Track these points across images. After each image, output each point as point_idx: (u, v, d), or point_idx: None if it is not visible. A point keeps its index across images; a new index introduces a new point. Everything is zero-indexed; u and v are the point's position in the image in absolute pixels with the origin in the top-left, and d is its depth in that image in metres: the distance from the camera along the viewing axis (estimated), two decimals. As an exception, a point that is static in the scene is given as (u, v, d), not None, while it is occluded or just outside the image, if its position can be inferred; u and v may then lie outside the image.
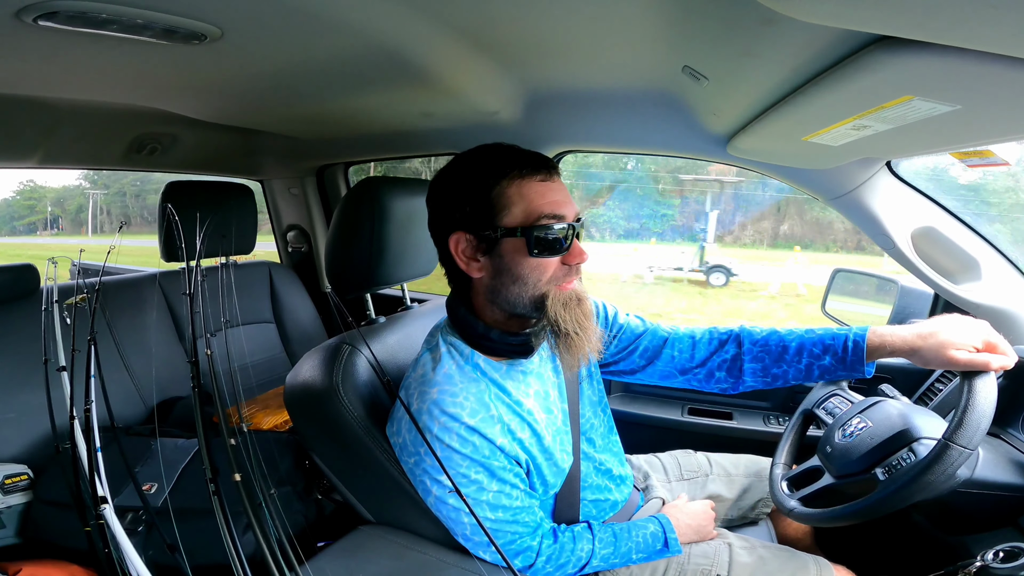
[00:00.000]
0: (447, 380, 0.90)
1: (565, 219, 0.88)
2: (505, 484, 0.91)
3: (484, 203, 0.88)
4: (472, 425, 0.88)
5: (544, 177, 0.89)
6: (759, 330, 1.13)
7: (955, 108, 0.69)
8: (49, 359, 1.15)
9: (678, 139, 1.46)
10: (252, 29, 0.87)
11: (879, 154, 1.15)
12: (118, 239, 1.35)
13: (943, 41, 0.54)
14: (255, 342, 2.10)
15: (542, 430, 0.96)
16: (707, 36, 0.86)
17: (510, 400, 0.94)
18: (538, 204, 0.87)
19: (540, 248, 0.87)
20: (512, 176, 0.88)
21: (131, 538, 1.12)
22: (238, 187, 2.00)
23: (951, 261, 1.33)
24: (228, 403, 0.97)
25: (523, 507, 0.94)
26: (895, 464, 0.92)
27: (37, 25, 0.75)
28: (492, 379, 0.94)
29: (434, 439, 0.87)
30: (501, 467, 0.90)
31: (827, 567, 1.05)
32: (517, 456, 0.92)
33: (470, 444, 0.88)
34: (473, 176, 0.90)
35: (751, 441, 1.67)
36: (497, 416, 0.91)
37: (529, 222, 0.87)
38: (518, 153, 0.90)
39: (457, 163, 0.93)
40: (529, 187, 0.88)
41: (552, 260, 0.89)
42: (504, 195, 0.88)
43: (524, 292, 0.90)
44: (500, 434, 0.90)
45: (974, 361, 0.89)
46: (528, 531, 0.94)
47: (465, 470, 0.88)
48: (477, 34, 1.01)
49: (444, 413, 0.87)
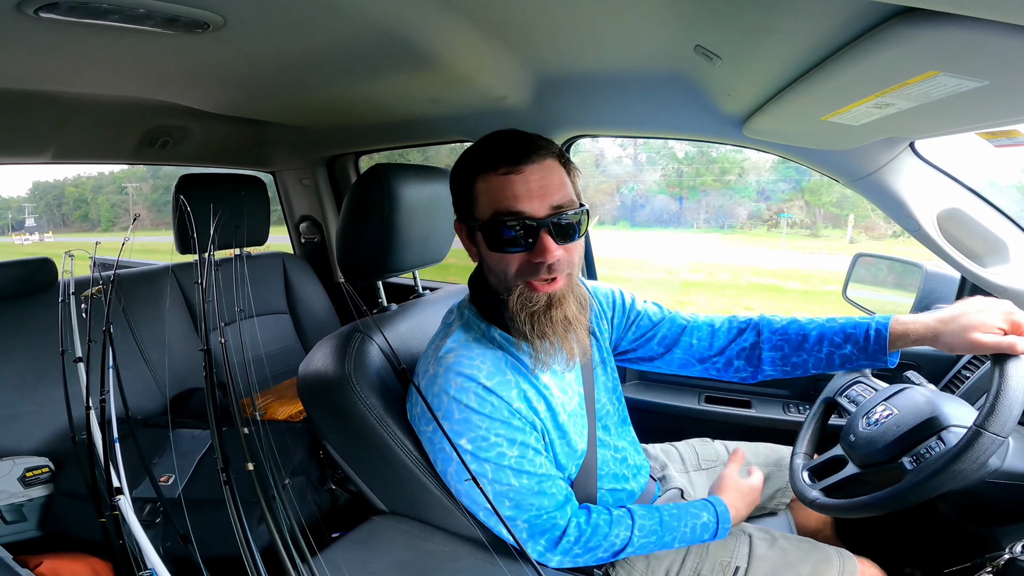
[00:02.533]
0: (464, 346, 0.92)
1: (523, 214, 0.85)
2: (527, 448, 0.90)
3: (465, 196, 0.91)
4: (489, 386, 0.88)
5: (507, 170, 0.85)
6: (779, 319, 1.11)
7: (982, 84, 0.65)
8: (66, 350, 1.16)
9: (692, 121, 1.43)
10: (255, 16, 0.86)
11: (903, 133, 1.11)
12: (130, 234, 1.36)
13: (970, 13, 0.51)
14: (270, 333, 2.12)
15: (557, 406, 0.96)
16: (719, 12, 0.83)
17: (525, 370, 0.94)
18: (495, 199, 0.86)
19: (498, 244, 0.87)
20: (480, 169, 0.88)
21: (149, 529, 1.15)
22: (250, 179, 2.01)
23: (979, 243, 1.28)
24: (243, 394, 0.97)
25: (548, 475, 0.92)
26: (923, 453, 0.89)
27: (39, 17, 0.75)
28: (510, 351, 0.94)
29: (452, 401, 0.87)
30: (521, 429, 0.90)
31: (850, 559, 1.02)
32: (533, 423, 0.92)
33: (488, 404, 0.88)
34: (459, 169, 0.92)
35: (770, 430, 1.64)
36: (514, 381, 0.91)
37: (485, 217, 0.87)
38: (495, 144, 0.89)
39: (465, 152, 0.93)
40: (490, 182, 0.87)
41: (514, 256, 0.87)
42: (475, 189, 0.89)
43: (498, 282, 0.92)
44: (516, 398, 0.90)
45: (1001, 343, 0.86)
46: (554, 505, 0.92)
47: (484, 432, 0.88)
48: (482, 17, 0.99)
49: (460, 374, 0.88)
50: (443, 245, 1.30)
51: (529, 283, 0.88)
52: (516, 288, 0.88)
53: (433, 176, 1.21)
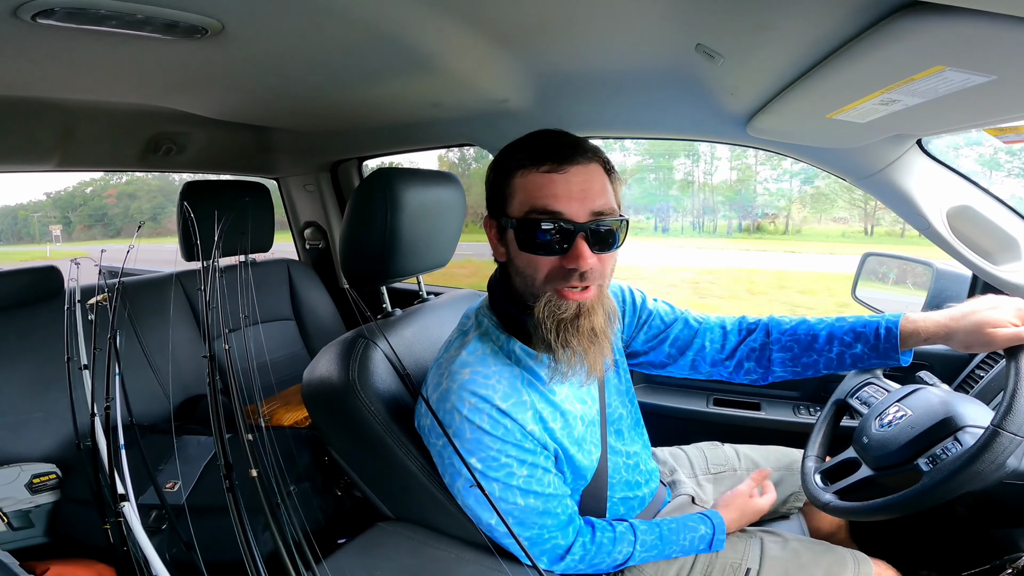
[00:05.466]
0: (480, 362, 0.89)
1: (562, 215, 0.81)
2: (536, 468, 0.89)
3: (500, 191, 0.87)
4: (504, 408, 0.86)
5: (551, 168, 0.82)
6: (787, 319, 1.10)
7: (990, 79, 0.64)
8: (72, 358, 1.16)
9: (695, 122, 1.42)
10: (253, 22, 0.86)
11: (909, 130, 1.10)
12: (136, 241, 1.37)
13: (976, 6, 0.50)
14: (275, 339, 2.12)
15: (574, 420, 0.94)
16: (719, 9, 0.82)
17: (543, 388, 0.92)
18: (532, 196, 0.82)
19: (526, 244, 0.83)
20: (520, 165, 0.84)
21: (155, 536, 1.15)
22: (254, 185, 2.02)
23: (989, 240, 1.26)
24: (248, 400, 0.97)
25: (555, 495, 0.91)
26: (939, 454, 0.87)
27: (36, 23, 0.75)
28: (527, 367, 0.92)
29: (464, 420, 0.85)
30: (532, 450, 0.88)
31: (865, 561, 1.00)
32: (546, 444, 0.90)
33: (501, 426, 0.85)
34: (498, 163, 0.89)
35: (781, 432, 1.62)
36: (529, 402, 0.88)
37: (519, 214, 0.84)
38: (540, 141, 0.86)
39: (503, 149, 0.91)
40: (529, 178, 0.83)
41: (545, 259, 0.83)
42: (511, 184, 0.86)
43: (524, 286, 0.87)
44: (531, 420, 0.88)
45: (1018, 335, 0.85)
46: (558, 524, 0.91)
47: (495, 453, 0.86)
48: (482, 19, 0.98)
49: (475, 395, 0.85)
50: (447, 249, 1.29)
51: (558, 290, 0.84)
52: (544, 295, 0.85)
53: (436, 180, 1.21)
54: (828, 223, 13.29)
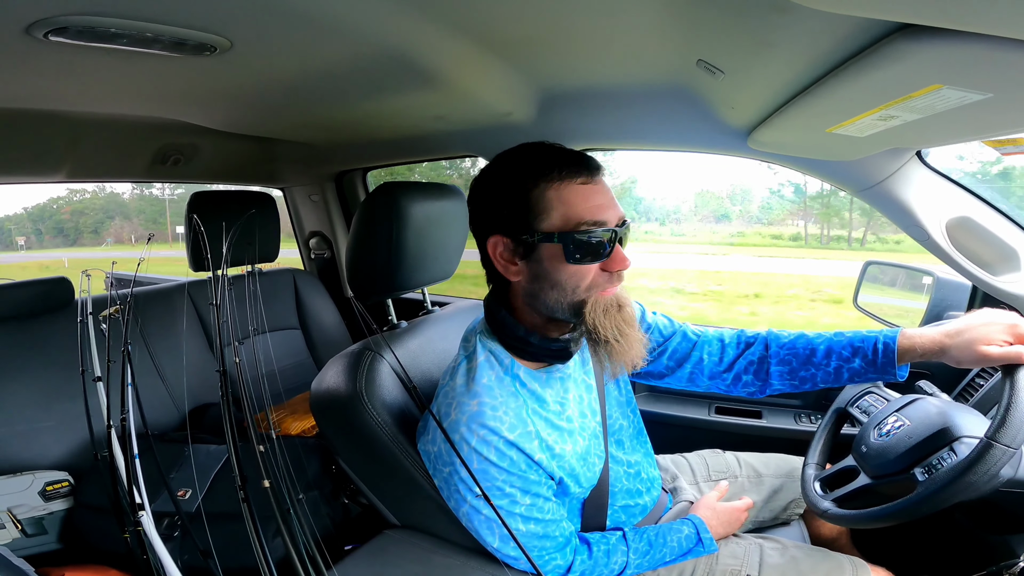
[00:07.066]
0: (487, 392, 0.89)
1: (607, 224, 0.84)
2: (539, 498, 0.91)
3: (522, 206, 0.85)
4: (511, 440, 0.86)
5: (586, 179, 0.84)
6: (786, 333, 1.11)
7: (986, 96, 0.65)
8: (86, 370, 1.18)
9: (696, 134, 1.43)
10: (260, 39, 0.88)
11: (908, 144, 1.11)
12: (146, 251, 1.39)
13: (970, 28, 0.51)
14: (282, 348, 2.14)
15: (579, 436, 0.96)
16: (719, 27, 0.83)
17: (548, 412, 0.93)
18: (579, 209, 0.83)
19: (580, 255, 0.84)
20: (551, 178, 0.84)
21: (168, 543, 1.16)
22: (261, 195, 2.04)
23: (989, 251, 1.27)
24: (257, 409, 0.99)
25: (554, 519, 0.93)
26: (935, 464, 0.89)
27: (48, 40, 0.76)
28: (532, 391, 0.93)
29: (472, 451, 0.86)
30: (536, 481, 0.90)
31: (863, 567, 1.02)
32: (552, 472, 0.91)
33: (508, 458, 0.87)
34: (511, 177, 0.87)
35: (781, 440, 1.63)
36: (535, 432, 0.89)
37: (568, 228, 0.83)
38: (560, 153, 0.86)
39: (497, 163, 0.90)
40: (569, 190, 0.84)
41: (591, 267, 0.85)
42: (543, 198, 0.84)
43: (562, 298, 0.87)
44: (538, 449, 0.89)
45: (1008, 354, 0.86)
46: (556, 546, 0.93)
47: (501, 483, 0.87)
48: (484, 34, 1.00)
49: (483, 427, 0.86)
50: (451, 261, 1.31)
51: (600, 292, 0.87)
52: (589, 300, 0.86)
53: (441, 193, 1.22)
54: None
